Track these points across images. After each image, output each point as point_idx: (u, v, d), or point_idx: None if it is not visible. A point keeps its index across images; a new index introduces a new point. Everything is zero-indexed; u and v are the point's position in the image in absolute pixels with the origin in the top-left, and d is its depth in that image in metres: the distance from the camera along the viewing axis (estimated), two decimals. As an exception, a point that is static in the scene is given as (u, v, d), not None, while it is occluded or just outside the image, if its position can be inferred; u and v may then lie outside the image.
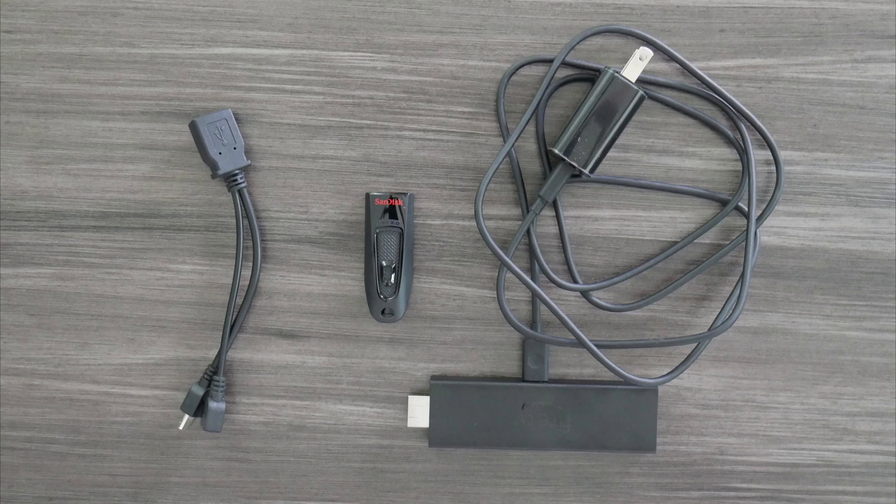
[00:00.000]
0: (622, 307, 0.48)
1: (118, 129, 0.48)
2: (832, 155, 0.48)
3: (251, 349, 0.49)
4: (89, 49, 0.48)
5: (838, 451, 0.50)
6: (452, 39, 0.48)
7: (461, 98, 0.48)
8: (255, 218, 0.47)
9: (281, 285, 0.49)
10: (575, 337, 0.47)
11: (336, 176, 0.48)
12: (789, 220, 0.49)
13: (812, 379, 0.49)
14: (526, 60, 0.47)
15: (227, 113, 0.47)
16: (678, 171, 0.48)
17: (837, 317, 0.49)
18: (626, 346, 0.48)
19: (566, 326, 0.47)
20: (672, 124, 0.48)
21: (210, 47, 0.48)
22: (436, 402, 0.48)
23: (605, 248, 0.49)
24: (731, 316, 0.47)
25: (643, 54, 0.45)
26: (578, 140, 0.45)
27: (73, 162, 0.48)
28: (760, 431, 0.50)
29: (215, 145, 0.46)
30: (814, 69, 0.48)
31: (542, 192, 0.47)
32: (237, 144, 0.47)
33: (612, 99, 0.45)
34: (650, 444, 0.48)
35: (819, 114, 0.48)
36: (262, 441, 0.49)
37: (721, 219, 0.48)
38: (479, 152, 0.48)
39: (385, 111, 0.48)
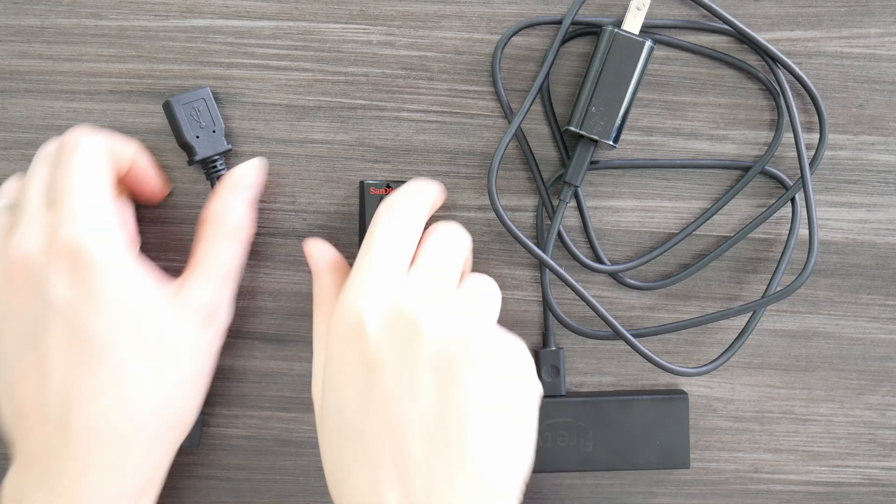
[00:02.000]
0: (655, 285, 0.45)
1: (84, 109, 0.44)
2: (880, 138, 0.44)
3: (232, 355, 0.45)
4: (52, 21, 0.44)
5: (887, 468, 0.46)
6: (456, 10, 0.44)
7: (466, 75, 0.44)
8: None
9: (265, 284, 0.45)
10: (611, 328, 0.43)
11: (327, 162, 0.44)
12: (832, 210, 0.44)
13: (857, 388, 0.45)
14: (521, 25, 0.43)
15: (206, 92, 0.43)
16: (708, 157, 0.45)
17: (886, 319, 0.45)
18: (665, 331, 0.44)
19: (605, 320, 0.43)
20: (701, 104, 0.44)
21: (186, 19, 0.44)
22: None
23: (627, 241, 0.45)
24: (798, 277, 0.42)
25: (640, 3, 0.41)
26: (592, 110, 0.41)
27: (35, 146, 0.44)
28: (800, 447, 0.46)
29: (192, 128, 0.43)
30: (859, 43, 0.44)
31: (568, 176, 0.43)
32: (216, 127, 0.43)
33: (619, 58, 0.41)
34: (683, 460, 0.44)
35: (865, 93, 0.44)
36: (244, 457, 0.46)
37: (752, 177, 0.44)
38: (485, 135, 0.44)
39: (381, 90, 0.44)
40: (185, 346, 0.38)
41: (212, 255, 0.40)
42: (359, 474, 0.35)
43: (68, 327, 0.36)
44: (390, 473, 0.34)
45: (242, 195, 0.41)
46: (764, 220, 0.44)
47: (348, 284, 0.37)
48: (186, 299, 0.39)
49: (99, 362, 0.36)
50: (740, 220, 0.45)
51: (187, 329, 0.39)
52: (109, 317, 0.36)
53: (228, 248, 0.40)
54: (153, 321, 0.37)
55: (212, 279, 0.40)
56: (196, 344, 0.39)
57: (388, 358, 0.35)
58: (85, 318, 0.36)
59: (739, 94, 0.44)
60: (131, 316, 0.37)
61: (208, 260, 0.40)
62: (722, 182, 0.45)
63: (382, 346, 0.35)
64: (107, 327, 0.36)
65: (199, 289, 0.39)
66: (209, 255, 0.40)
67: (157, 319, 0.37)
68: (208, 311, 0.40)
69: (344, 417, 0.36)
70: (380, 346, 0.35)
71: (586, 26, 0.43)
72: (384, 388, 0.35)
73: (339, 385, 0.36)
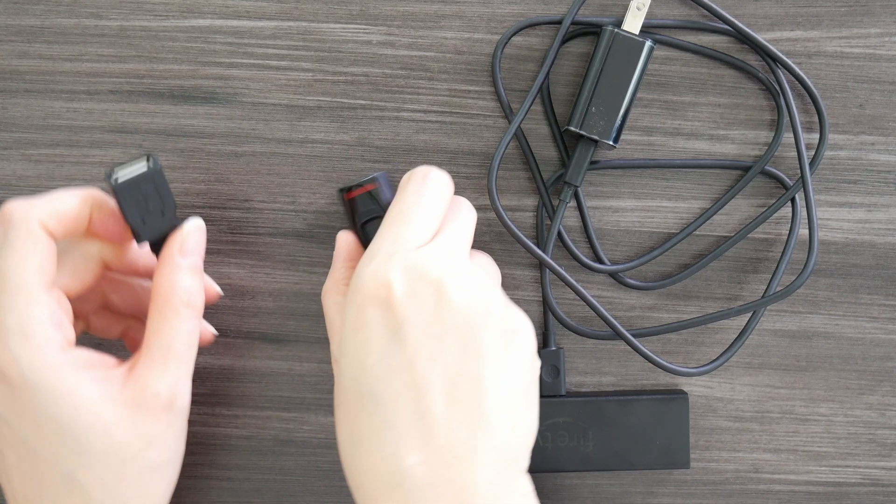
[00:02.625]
0: (655, 285, 0.45)
1: (84, 109, 0.44)
2: (880, 138, 0.44)
3: (232, 355, 0.45)
4: (52, 21, 0.44)
5: (887, 468, 0.46)
6: (456, 10, 0.44)
7: (466, 75, 0.44)
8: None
9: (265, 284, 0.45)
10: (611, 328, 0.43)
11: (327, 162, 0.44)
12: (832, 210, 0.44)
13: (857, 388, 0.45)
14: (521, 25, 0.43)
15: (154, 169, 0.37)
16: (708, 157, 0.45)
17: (886, 319, 0.45)
18: (665, 331, 0.44)
19: (605, 320, 0.43)
20: (701, 104, 0.44)
21: (186, 18, 0.44)
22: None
23: (627, 241, 0.45)
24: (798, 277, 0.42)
25: (640, 3, 0.41)
26: (592, 110, 0.41)
27: (34, 147, 0.44)
28: (800, 447, 0.46)
29: (137, 212, 0.37)
30: (859, 43, 0.44)
31: (568, 176, 0.43)
32: (166, 208, 0.38)
33: (619, 58, 0.41)
34: (683, 460, 0.44)
35: (865, 93, 0.44)
36: (244, 457, 0.46)
37: (752, 177, 0.44)
38: (485, 135, 0.44)
39: (381, 90, 0.44)
40: (138, 445, 0.36)
41: (161, 335, 0.37)
42: (377, 441, 0.34)
43: (13, 438, 0.35)
44: (411, 438, 0.34)
45: (186, 264, 0.38)
46: (764, 220, 0.44)
47: (376, 248, 0.36)
48: (136, 390, 0.36)
49: (46, 473, 0.35)
50: (740, 220, 0.45)
51: (139, 425, 0.36)
52: (46, 433, 0.35)
53: (178, 325, 0.37)
54: (94, 431, 0.35)
55: (164, 362, 0.37)
56: (151, 437, 0.36)
57: (415, 321, 0.34)
58: (24, 432, 0.35)
59: (739, 94, 0.44)
60: (69, 431, 0.35)
61: (158, 341, 0.37)
62: (722, 182, 0.45)
63: (409, 308, 0.34)
64: (46, 442, 0.35)
65: (150, 375, 0.36)
66: (159, 336, 0.37)
67: (99, 429, 0.35)
68: (164, 399, 0.36)
69: (362, 383, 0.35)
70: (406, 308, 0.34)
71: (586, 26, 0.43)
72: (408, 351, 0.34)
73: (360, 350, 0.35)
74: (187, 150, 0.44)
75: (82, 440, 0.35)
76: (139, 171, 0.37)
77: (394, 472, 0.34)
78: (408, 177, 0.39)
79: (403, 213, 0.37)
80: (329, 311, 0.39)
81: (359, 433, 0.35)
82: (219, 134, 0.44)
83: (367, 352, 0.35)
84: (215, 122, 0.44)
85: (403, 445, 0.34)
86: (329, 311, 0.39)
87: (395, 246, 0.36)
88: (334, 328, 0.39)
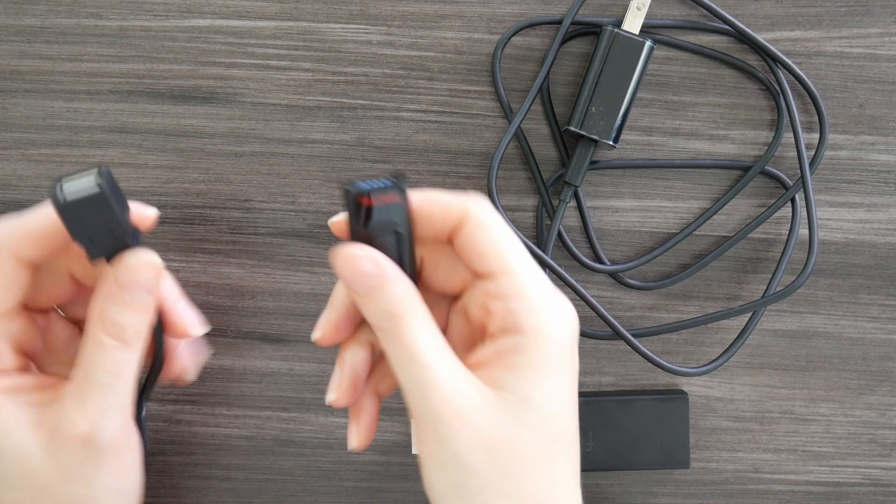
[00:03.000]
0: (655, 285, 0.45)
1: (84, 109, 0.44)
2: (880, 138, 0.44)
3: (232, 355, 0.45)
4: (52, 21, 0.44)
5: (886, 468, 0.46)
6: (456, 10, 0.44)
7: (466, 75, 0.44)
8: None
9: (265, 284, 0.45)
10: (611, 328, 0.43)
11: (327, 162, 0.44)
12: (832, 210, 0.44)
13: (857, 388, 0.45)
14: (521, 25, 0.43)
15: (101, 192, 0.32)
16: (708, 157, 0.45)
17: (886, 319, 0.45)
18: (665, 331, 0.44)
19: (605, 320, 0.43)
20: (701, 104, 0.44)
21: (186, 18, 0.44)
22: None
23: (627, 241, 0.45)
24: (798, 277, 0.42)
25: (640, 3, 0.41)
26: (592, 110, 0.41)
27: (34, 146, 0.44)
28: (799, 447, 0.46)
29: (83, 229, 0.32)
30: (859, 43, 0.44)
31: (568, 176, 0.43)
32: (114, 227, 0.33)
33: (619, 58, 0.41)
34: (683, 460, 0.44)
35: (865, 93, 0.44)
36: (244, 457, 0.46)
37: (752, 177, 0.44)
38: (485, 135, 0.44)
39: (381, 90, 0.44)
40: (53, 475, 0.33)
41: (83, 362, 0.33)
42: (573, 479, 0.33)
43: None
44: (571, 474, 0.33)
45: (125, 297, 0.33)
46: (764, 220, 0.44)
47: (546, 282, 0.33)
48: (54, 416, 0.33)
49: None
50: (740, 220, 0.45)
51: (56, 455, 0.33)
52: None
53: (101, 356, 0.33)
54: (9, 455, 0.33)
55: (82, 391, 0.33)
56: (68, 469, 0.33)
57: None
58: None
59: (739, 94, 0.44)
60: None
61: (81, 366, 0.33)
62: (722, 182, 0.45)
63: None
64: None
65: (70, 402, 0.33)
66: (81, 362, 0.33)
67: (13, 452, 0.33)
68: (80, 430, 0.33)
69: (561, 420, 0.32)
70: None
71: (586, 26, 0.43)
72: (574, 390, 0.33)
73: (563, 388, 0.32)
74: (187, 150, 0.44)
75: (1, 462, 0.33)
76: (87, 190, 0.32)
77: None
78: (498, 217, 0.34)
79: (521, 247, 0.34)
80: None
81: (558, 475, 0.33)
82: (219, 134, 0.44)
83: (570, 392, 0.33)
84: (215, 122, 0.44)
85: (567, 482, 0.33)
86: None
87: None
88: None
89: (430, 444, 0.32)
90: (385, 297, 0.32)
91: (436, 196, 0.33)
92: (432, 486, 0.33)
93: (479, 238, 0.32)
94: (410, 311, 0.32)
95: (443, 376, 0.31)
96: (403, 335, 0.31)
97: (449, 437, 0.31)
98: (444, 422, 0.31)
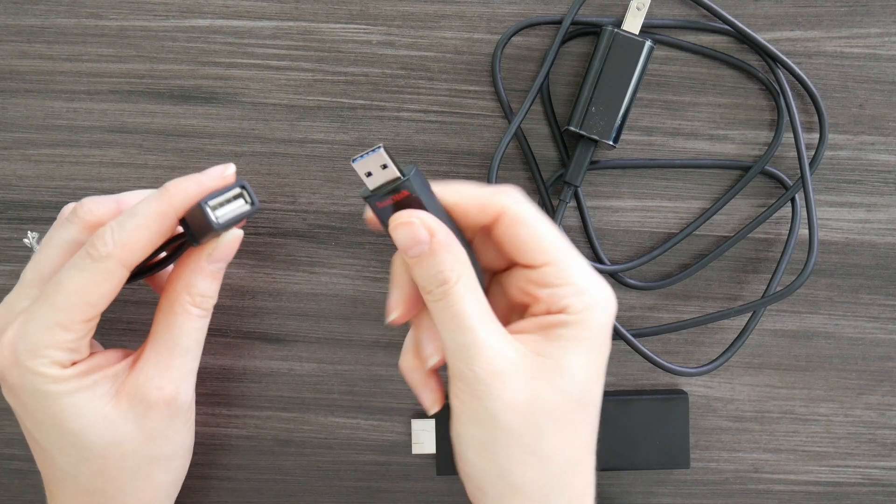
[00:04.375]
0: (655, 285, 0.45)
1: (84, 109, 0.44)
2: (880, 138, 0.44)
3: (233, 355, 0.45)
4: (52, 21, 0.44)
5: (886, 468, 0.46)
6: (456, 10, 0.43)
7: (466, 75, 0.44)
8: None
9: (265, 284, 0.45)
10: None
11: (327, 162, 0.44)
12: (832, 210, 0.44)
13: (857, 388, 0.45)
14: (521, 25, 0.43)
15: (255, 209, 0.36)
16: (708, 157, 0.44)
17: (886, 319, 0.45)
18: (665, 331, 0.44)
19: None
20: (701, 104, 0.44)
21: (186, 18, 0.44)
22: (443, 426, 0.44)
23: (627, 241, 0.45)
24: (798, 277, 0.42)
25: (640, 3, 0.41)
26: (592, 110, 0.41)
27: (34, 147, 0.44)
28: (799, 447, 0.45)
29: (202, 234, 0.37)
30: (859, 43, 0.44)
31: (568, 176, 0.43)
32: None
33: (619, 58, 0.41)
34: (683, 460, 0.44)
35: (865, 93, 0.44)
36: (244, 457, 0.46)
37: (752, 177, 0.44)
38: (485, 135, 0.44)
39: (381, 90, 0.44)
40: (138, 438, 0.37)
41: (170, 330, 0.37)
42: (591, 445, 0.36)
43: (35, 444, 0.38)
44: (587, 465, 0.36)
45: (210, 269, 0.37)
46: (764, 220, 0.44)
47: (589, 270, 0.35)
48: (139, 384, 0.37)
49: (48, 460, 0.38)
50: (740, 220, 0.45)
51: (140, 418, 0.37)
52: (41, 430, 0.37)
53: (187, 323, 0.37)
54: (94, 428, 0.36)
55: (169, 357, 0.37)
56: (152, 430, 0.37)
57: None
58: (24, 420, 0.37)
59: (739, 94, 0.44)
60: (62, 435, 0.36)
61: (166, 335, 0.37)
62: (722, 182, 0.45)
63: None
64: (43, 437, 0.37)
65: (154, 370, 0.37)
66: (168, 331, 0.37)
67: (99, 425, 0.36)
68: (166, 393, 0.37)
69: (590, 393, 0.35)
70: None
71: (586, 26, 0.43)
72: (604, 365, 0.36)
73: (598, 363, 0.35)
74: (187, 150, 0.44)
75: (78, 444, 0.36)
76: (241, 209, 0.36)
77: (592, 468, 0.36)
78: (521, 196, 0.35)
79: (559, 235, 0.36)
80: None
81: (581, 440, 0.35)
82: (219, 134, 0.44)
83: (602, 365, 0.35)
84: (215, 122, 0.44)
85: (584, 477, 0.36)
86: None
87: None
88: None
89: (467, 400, 0.34)
90: (435, 263, 0.33)
91: (470, 192, 0.35)
92: (461, 437, 0.35)
93: (518, 233, 0.34)
94: (458, 276, 0.33)
95: (486, 340, 0.33)
96: (451, 300, 0.33)
97: (486, 396, 0.33)
98: (485, 382, 0.33)
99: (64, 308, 0.35)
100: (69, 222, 0.38)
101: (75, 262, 0.35)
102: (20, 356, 0.35)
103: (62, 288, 0.35)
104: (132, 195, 0.39)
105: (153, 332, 0.38)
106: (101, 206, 0.38)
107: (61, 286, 0.35)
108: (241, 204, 0.36)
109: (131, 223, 0.35)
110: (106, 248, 0.35)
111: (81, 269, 0.35)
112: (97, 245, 0.35)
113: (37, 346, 0.35)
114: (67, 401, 0.36)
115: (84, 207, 0.37)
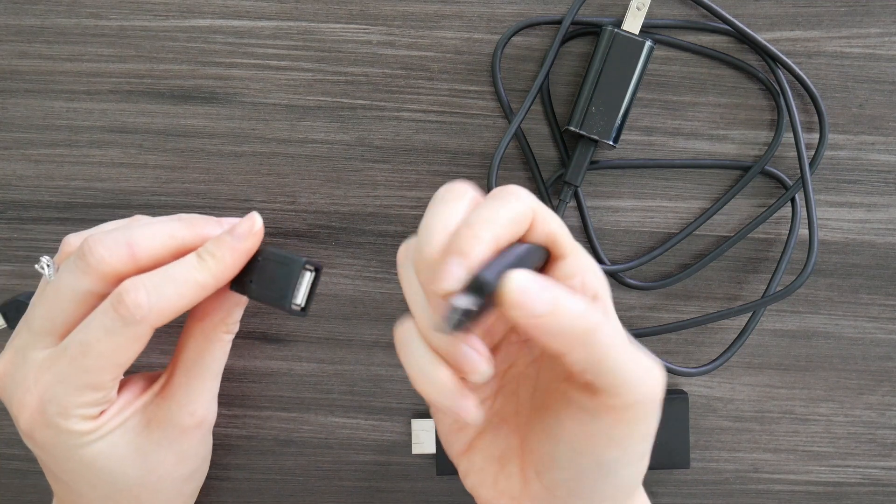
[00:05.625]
0: (655, 285, 0.44)
1: (84, 109, 0.44)
2: (880, 138, 0.44)
3: (232, 355, 0.45)
4: (52, 21, 0.44)
5: (887, 468, 0.46)
6: (456, 10, 0.43)
7: (466, 75, 0.44)
8: None
9: (265, 284, 0.44)
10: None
11: (327, 162, 0.44)
12: (832, 210, 0.44)
13: (857, 388, 0.45)
14: (521, 25, 0.43)
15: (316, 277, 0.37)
16: (708, 157, 0.44)
17: (885, 319, 0.45)
18: (665, 331, 0.44)
19: None
20: (701, 104, 0.44)
21: (186, 18, 0.43)
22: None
23: (627, 241, 0.45)
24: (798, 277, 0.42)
25: (640, 3, 0.41)
26: (592, 110, 0.41)
27: (34, 146, 0.44)
28: (799, 446, 0.45)
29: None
30: (859, 43, 0.44)
31: (568, 176, 0.43)
32: None
33: (619, 58, 0.41)
34: (683, 460, 0.44)
35: (865, 92, 0.44)
36: (244, 457, 0.46)
37: (752, 177, 0.44)
38: (485, 135, 0.44)
39: (381, 90, 0.44)
40: (171, 461, 0.39)
41: (204, 357, 0.39)
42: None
43: (43, 465, 0.39)
44: None
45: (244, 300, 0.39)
46: (764, 220, 0.44)
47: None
48: (171, 410, 0.38)
49: (72, 493, 0.38)
50: (740, 220, 0.45)
51: (173, 443, 0.38)
52: (71, 475, 0.37)
53: (220, 350, 0.39)
54: (123, 471, 0.37)
55: (202, 381, 0.39)
56: (184, 452, 0.39)
57: None
58: (50, 466, 0.38)
59: (739, 94, 0.44)
60: (95, 475, 0.37)
61: (200, 362, 0.39)
62: (722, 182, 0.45)
63: None
64: (72, 479, 0.37)
65: (185, 396, 0.38)
66: (201, 358, 0.39)
67: (128, 469, 0.37)
68: (198, 417, 0.39)
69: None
70: None
71: (586, 26, 0.43)
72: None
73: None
74: (187, 150, 0.44)
75: (117, 473, 0.37)
76: (308, 282, 0.37)
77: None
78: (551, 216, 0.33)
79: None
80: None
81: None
82: (219, 134, 0.44)
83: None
84: (215, 122, 0.44)
85: None
86: None
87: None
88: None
89: (619, 427, 0.31)
90: (571, 316, 0.29)
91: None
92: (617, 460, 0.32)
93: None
94: (599, 320, 0.30)
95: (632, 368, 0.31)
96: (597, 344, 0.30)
97: (637, 420, 0.31)
98: (641, 404, 0.31)
99: (94, 370, 0.35)
100: (80, 271, 0.35)
101: (104, 323, 0.34)
102: (50, 417, 0.35)
103: (91, 350, 0.34)
104: (140, 231, 0.36)
105: (183, 359, 0.39)
106: (114, 254, 0.35)
107: (90, 348, 0.34)
108: (307, 276, 0.36)
109: (170, 290, 0.34)
110: (141, 312, 0.34)
111: (111, 332, 0.34)
112: (130, 308, 0.34)
113: (66, 408, 0.35)
114: (99, 445, 0.36)
115: (95, 255, 0.35)
